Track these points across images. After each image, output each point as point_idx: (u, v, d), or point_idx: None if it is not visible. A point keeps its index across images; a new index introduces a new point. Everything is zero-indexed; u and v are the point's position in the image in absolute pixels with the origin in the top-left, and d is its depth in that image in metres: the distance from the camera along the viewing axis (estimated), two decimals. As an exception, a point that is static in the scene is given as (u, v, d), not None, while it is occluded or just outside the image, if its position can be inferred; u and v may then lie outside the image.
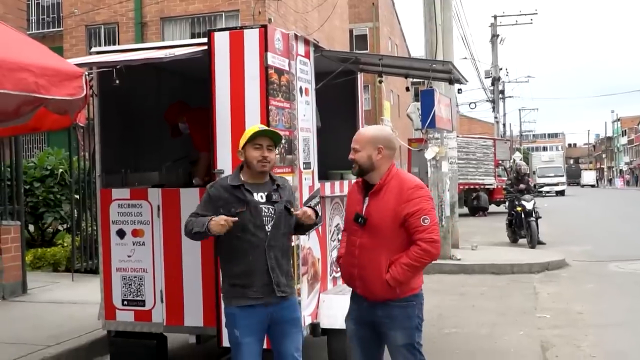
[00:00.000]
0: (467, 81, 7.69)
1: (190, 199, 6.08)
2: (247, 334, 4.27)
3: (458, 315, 9.01)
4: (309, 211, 4.41)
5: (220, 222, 4.12)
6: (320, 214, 4.59)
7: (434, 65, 7.37)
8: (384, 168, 4.24)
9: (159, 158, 7.51)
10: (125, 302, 6.39)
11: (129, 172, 7.00)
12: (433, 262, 4.25)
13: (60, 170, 12.66)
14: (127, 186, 6.71)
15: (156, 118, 7.43)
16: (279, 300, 4.32)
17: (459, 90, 8.76)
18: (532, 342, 7.59)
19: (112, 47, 7.60)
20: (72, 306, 8.82)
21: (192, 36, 22.32)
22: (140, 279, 6.33)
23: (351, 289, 4.48)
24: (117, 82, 5.42)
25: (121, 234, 6.38)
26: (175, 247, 6.16)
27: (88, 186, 11.39)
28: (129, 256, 6.36)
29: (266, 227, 4.31)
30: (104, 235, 6.47)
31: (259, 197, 4.34)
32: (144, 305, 6.33)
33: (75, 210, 11.54)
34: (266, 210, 4.33)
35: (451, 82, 7.88)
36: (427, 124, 9.15)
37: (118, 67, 5.44)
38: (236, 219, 4.17)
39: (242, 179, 4.39)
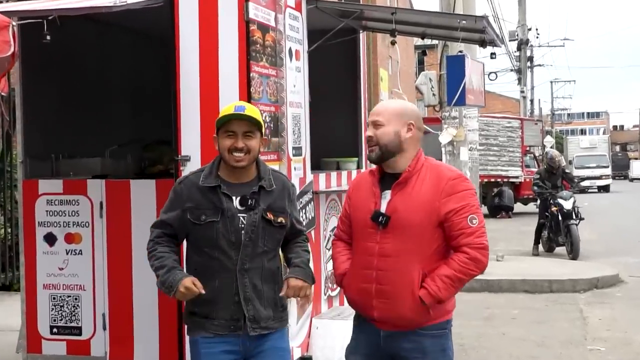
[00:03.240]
0: (502, 43, 7.66)
1: (143, 194, 6.04)
2: None
3: (485, 346, 8.98)
4: (294, 284, 4.24)
5: (186, 289, 4.04)
6: (314, 277, 4.42)
7: (464, 22, 7.31)
8: (411, 152, 4.15)
9: (101, 140, 7.41)
10: (55, 330, 6.33)
11: (62, 158, 6.92)
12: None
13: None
14: (59, 176, 6.61)
15: (98, 87, 7.32)
16: (254, 337, 4.22)
17: (493, 55, 8.66)
18: (584, 382, 7.58)
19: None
20: (-19, 333, 8.69)
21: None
22: (76, 299, 6.27)
23: (355, 313, 4.38)
24: (48, 38, 5.31)
25: (51, 239, 6.32)
26: (123, 257, 6.09)
27: (0, 176, 11.28)
28: (60, 269, 6.30)
29: (242, 244, 4.18)
30: (28, 241, 6.40)
31: (237, 202, 4.20)
32: (80, 334, 6.27)
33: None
34: (243, 221, 4.18)
35: (483, 44, 7.82)
36: (454, 100, 9.02)
37: (50, 18, 5.31)
38: (203, 291, 4.07)
39: (221, 176, 4.26)
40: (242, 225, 4.16)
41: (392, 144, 4.11)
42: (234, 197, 4.18)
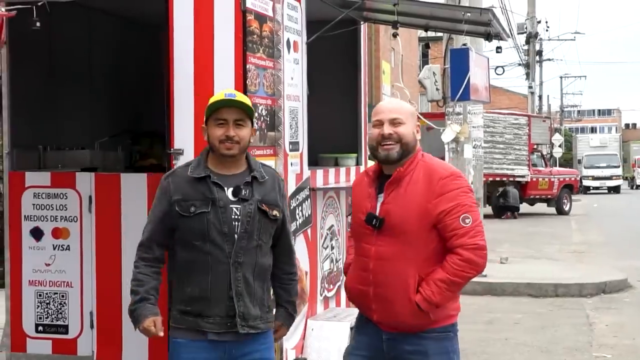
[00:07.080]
0: (509, 36, 7.71)
1: (134, 188, 6.05)
2: None
3: (487, 352, 9.03)
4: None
5: (144, 330, 4.21)
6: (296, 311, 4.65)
7: (468, 15, 7.34)
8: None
9: (91, 131, 7.43)
10: (41, 328, 6.33)
11: (50, 149, 6.93)
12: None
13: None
14: (46, 169, 6.63)
15: (87, 76, 7.32)
16: (242, 337, 4.23)
17: (498, 49, 8.70)
18: (589, 391, 7.63)
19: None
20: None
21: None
22: (63, 297, 6.27)
23: (356, 315, 4.43)
24: (38, 25, 5.34)
25: (37, 234, 6.32)
26: (112, 253, 6.11)
27: (-15, 168, 11.30)
28: (47, 265, 6.30)
29: (235, 235, 4.20)
30: (13, 236, 6.40)
31: (230, 193, 4.22)
32: (66, 333, 6.28)
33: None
34: (237, 212, 4.21)
35: (489, 37, 7.86)
36: (458, 95, 9.04)
37: (40, 3, 5.34)
38: (161, 333, 4.22)
39: (210, 167, 4.27)
40: (236, 217, 4.19)
41: (412, 144, 4.17)
42: (226, 188, 4.21)
